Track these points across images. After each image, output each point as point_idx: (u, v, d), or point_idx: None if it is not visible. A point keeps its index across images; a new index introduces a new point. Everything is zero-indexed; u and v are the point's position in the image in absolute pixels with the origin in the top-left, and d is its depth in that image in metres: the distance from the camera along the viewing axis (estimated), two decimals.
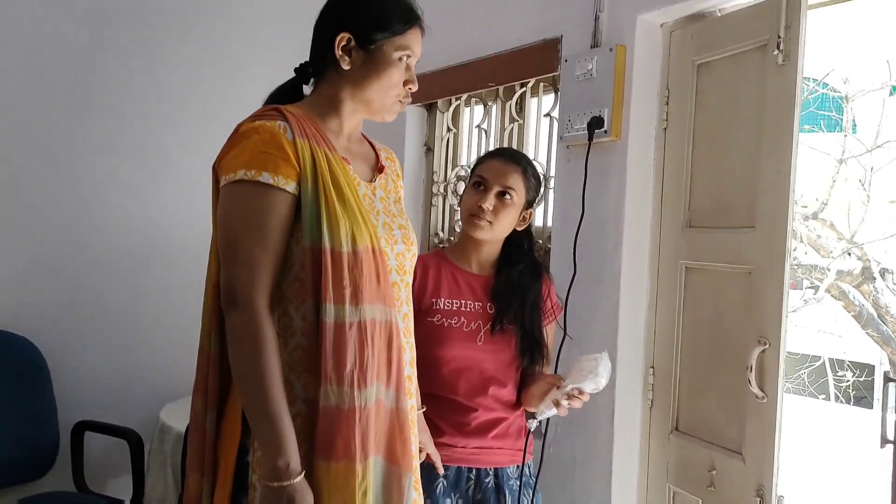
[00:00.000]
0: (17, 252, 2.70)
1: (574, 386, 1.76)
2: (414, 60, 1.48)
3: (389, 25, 1.43)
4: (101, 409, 2.74)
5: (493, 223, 1.87)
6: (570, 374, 1.79)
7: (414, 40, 1.46)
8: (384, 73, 1.43)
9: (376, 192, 1.50)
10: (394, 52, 1.43)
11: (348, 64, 1.42)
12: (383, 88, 1.44)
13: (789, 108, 1.89)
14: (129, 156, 2.89)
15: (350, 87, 1.44)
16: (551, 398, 1.81)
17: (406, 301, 1.51)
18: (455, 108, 3.15)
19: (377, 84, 1.43)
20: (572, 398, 1.78)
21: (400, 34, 1.43)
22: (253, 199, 1.32)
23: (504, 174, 1.88)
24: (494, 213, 1.87)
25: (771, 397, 1.92)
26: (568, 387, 1.77)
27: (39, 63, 2.70)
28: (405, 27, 1.44)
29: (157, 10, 2.92)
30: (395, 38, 1.43)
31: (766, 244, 1.95)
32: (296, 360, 1.35)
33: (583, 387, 1.76)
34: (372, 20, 1.43)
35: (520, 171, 1.91)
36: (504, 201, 1.87)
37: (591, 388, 1.77)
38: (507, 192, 1.87)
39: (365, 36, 1.42)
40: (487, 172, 1.90)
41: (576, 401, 1.78)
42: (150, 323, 2.94)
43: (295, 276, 1.36)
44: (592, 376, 1.75)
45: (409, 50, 1.45)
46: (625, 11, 2.26)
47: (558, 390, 1.79)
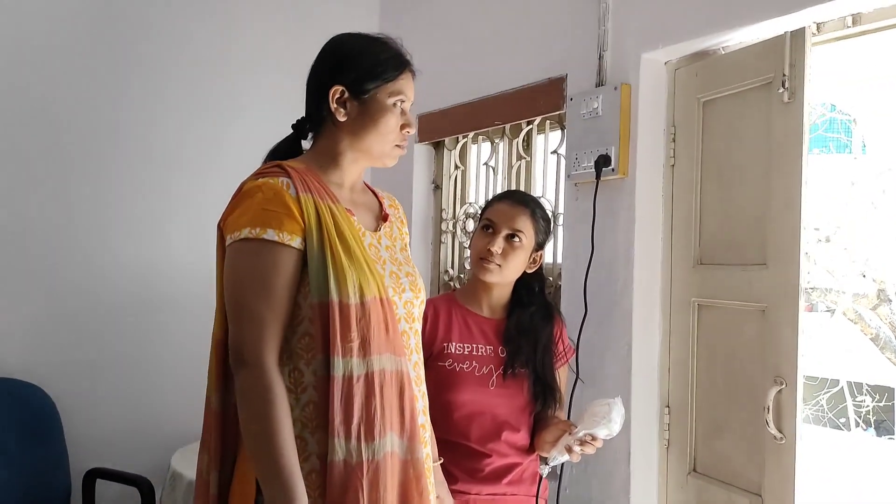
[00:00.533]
0: (29, 301, 2.71)
1: (587, 432, 1.75)
2: (408, 104, 1.48)
3: (381, 74, 1.44)
4: (112, 456, 2.73)
5: (502, 266, 1.87)
6: (583, 420, 1.77)
7: (406, 85, 1.47)
8: (380, 121, 1.44)
9: (382, 241, 1.50)
10: (387, 99, 1.44)
11: (344, 116, 1.44)
12: (381, 135, 1.45)
13: (797, 145, 1.88)
14: (137, 205, 2.90)
15: (348, 137, 1.45)
16: (564, 444, 1.79)
17: (416, 349, 1.51)
18: (462, 146, 3.16)
19: (374, 132, 1.44)
20: (585, 444, 1.76)
21: (392, 80, 1.44)
22: (258, 256, 1.33)
23: (512, 217, 1.89)
24: (503, 255, 1.87)
25: (789, 438, 1.89)
26: (580, 433, 1.75)
27: (49, 113, 2.73)
28: (396, 73, 1.45)
29: (168, 60, 2.95)
30: (388, 85, 1.44)
31: (778, 281, 1.93)
32: (308, 416, 1.35)
33: (595, 433, 1.74)
34: (363, 70, 1.44)
35: (528, 214, 1.91)
36: (513, 244, 1.88)
37: (605, 434, 1.75)
38: (515, 234, 1.88)
39: (358, 86, 1.43)
40: (496, 215, 1.91)
41: (588, 447, 1.76)
42: (161, 370, 2.93)
43: (304, 330, 1.36)
44: (605, 422, 1.73)
45: (403, 94, 1.46)
46: (629, 50, 2.27)
47: (570, 436, 1.77)
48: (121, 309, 2.87)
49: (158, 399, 2.92)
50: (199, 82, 3.03)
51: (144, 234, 2.92)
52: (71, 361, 2.77)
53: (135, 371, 2.88)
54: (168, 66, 2.97)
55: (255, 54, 3.16)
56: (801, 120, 1.87)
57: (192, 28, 3.02)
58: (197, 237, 2.94)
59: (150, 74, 2.93)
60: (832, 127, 7.51)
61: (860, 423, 8.11)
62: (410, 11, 3.31)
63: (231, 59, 3.11)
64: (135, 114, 2.90)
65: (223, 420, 1.39)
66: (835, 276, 7.50)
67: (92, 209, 2.82)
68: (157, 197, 2.95)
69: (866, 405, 8.00)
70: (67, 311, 2.78)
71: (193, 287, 2.89)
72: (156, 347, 2.93)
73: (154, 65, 2.94)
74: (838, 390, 7.99)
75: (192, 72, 3.02)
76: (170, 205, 2.97)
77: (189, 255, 2.96)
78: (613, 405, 1.74)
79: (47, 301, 2.74)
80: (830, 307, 7.73)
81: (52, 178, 2.74)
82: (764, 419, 1.92)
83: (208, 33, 3.06)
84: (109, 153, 2.85)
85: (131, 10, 2.89)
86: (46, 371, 2.69)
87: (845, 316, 7.57)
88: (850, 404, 7.96)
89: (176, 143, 2.99)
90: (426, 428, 1.52)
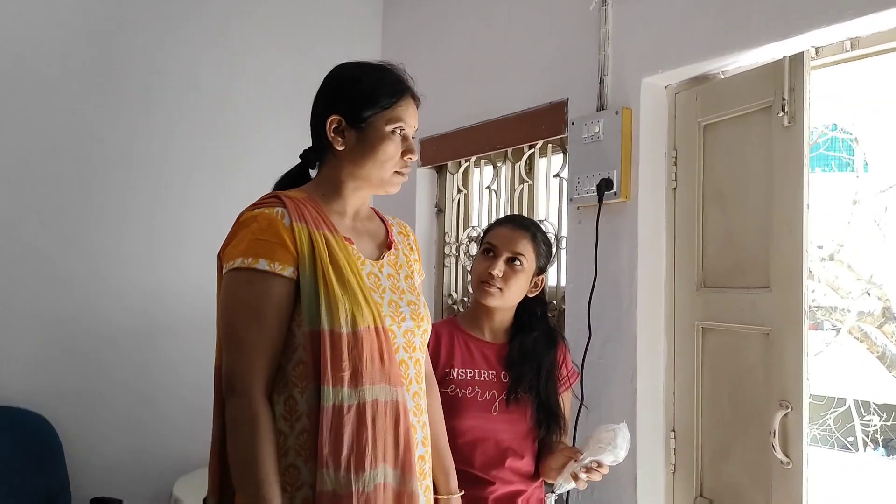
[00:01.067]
0: (31, 329, 2.71)
1: (592, 458, 1.73)
2: (410, 130, 1.48)
3: (377, 101, 1.44)
4: (114, 484, 2.72)
5: (503, 290, 1.87)
6: (588, 446, 1.76)
7: (405, 112, 1.46)
8: (378, 149, 1.44)
9: (383, 270, 1.50)
10: (385, 127, 1.44)
11: (342, 144, 1.45)
12: (380, 163, 1.45)
13: (798, 168, 1.88)
14: (138, 233, 2.90)
15: (348, 166, 1.46)
16: (569, 471, 1.77)
17: (416, 379, 1.49)
18: (465, 170, 3.17)
19: (372, 160, 1.44)
20: (591, 471, 1.74)
21: (389, 108, 1.44)
22: (250, 286, 1.35)
23: (513, 240, 1.89)
24: (504, 279, 1.86)
25: (796, 462, 1.87)
26: (586, 459, 1.74)
27: (50, 142, 2.74)
28: (392, 100, 1.45)
29: (167, 82, 2.97)
30: (385, 113, 1.44)
31: (782, 304, 1.92)
32: (302, 445, 1.35)
33: (601, 459, 1.73)
34: (359, 99, 1.44)
35: (529, 237, 1.91)
36: (514, 267, 1.87)
37: (610, 461, 1.73)
38: (516, 258, 1.88)
39: (354, 115, 1.44)
40: (496, 239, 1.91)
41: (594, 473, 1.75)
42: (163, 398, 2.92)
43: (299, 359, 1.37)
44: (611, 448, 1.71)
45: (402, 122, 1.45)
46: (629, 75, 2.28)
47: (576, 463, 1.76)
48: (123, 337, 2.86)
49: (161, 427, 2.90)
50: (204, 111, 3.05)
51: (146, 262, 2.92)
52: (73, 389, 2.76)
53: (137, 399, 2.87)
54: (173, 96, 2.98)
55: (259, 84, 3.18)
56: (802, 143, 1.87)
57: (199, 57, 3.04)
58: (198, 266, 2.94)
59: (152, 103, 2.94)
60: (834, 145, 7.53)
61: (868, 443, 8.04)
62: (413, 37, 3.34)
63: (235, 89, 3.13)
64: (137, 143, 2.91)
65: (223, 446, 1.39)
66: (839, 294, 7.47)
67: (94, 237, 2.82)
68: (158, 225, 2.95)
69: (874, 424, 7.94)
70: (69, 339, 2.77)
71: (195, 315, 2.89)
72: (158, 375, 2.92)
73: (158, 93, 2.95)
74: (845, 410, 7.93)
75: (196, 101, 3.03)
76: (171, 233, 2.98)
77: (190, 283, 2.96)
78: (619, 431, 1.72)
79: (49, 329, 2.74)
80: (836, 325, 7.69)
81: (53, 205, 2.75)
82: (770, 443, 1.90)
83: (214, 62, 3.08)
84: (111, 182, 2.86)
85: (138, 38, 2.91)
86: (48, 399, 2.68)
87: (851, 334, 7.52)
88: (858, 424, 7.90)
89: (178, 172, 2.99)
90: (426, 460, 1.50)
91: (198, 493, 2.36)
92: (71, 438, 2.69)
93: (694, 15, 2.10)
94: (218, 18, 3.09)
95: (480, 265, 1.90)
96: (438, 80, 3.05)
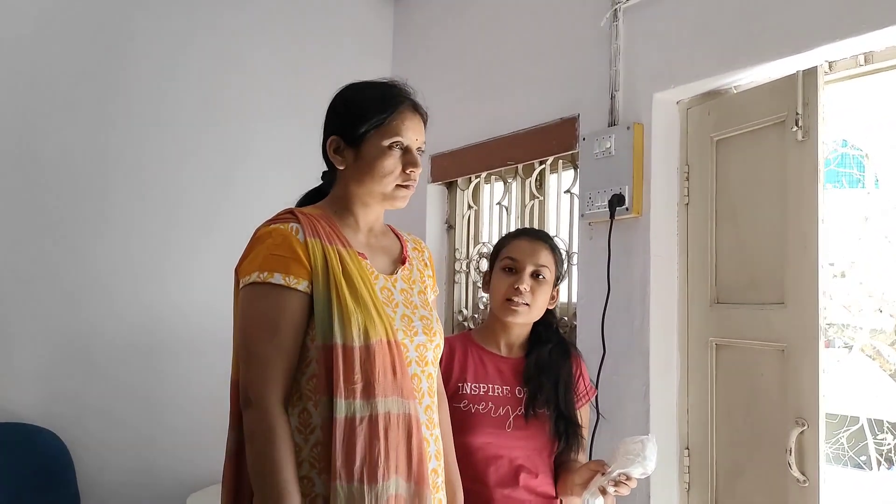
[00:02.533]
0: (42, 346, 2.71)
1: (621, 471, 1.68)
2: (411, 143, 1.47)
3: (369, 118, 1.45)
4: (125, 501, 2.71)
5: (530, 305, 1.83)
6: (616, 459, 1.70)
7: (401, 125, 1.46)
8: (375, 164, 1.45)
9: (397, 284, 1.50)
10: (381, 142, 1.45)
11: (342, 164, 1.48)
12: (379, 178, 1.45)
13: (812, 183, 1.87)
14: (150, 249, 2.91)
15: (353, 184, 1.48)
16: (596, 485, 1.72)
17: (428, 392, 1.49)
18: (475, 186, 3.17)
19: (371, 176, 1.45)
20: (619, 484, 1.69)
21: (383, 123, 1.45)
22: (266, 300, 1.36)
23: (534, 253, 1.85)
24: (532, 293, 1.83)
25: (812, 480, 1.85)
26: (614, 472, 1.69)
27: (62, 158, 2.76)
28: (386, 116, 1.45)
29: (177, 95, 2.99)
30: (380, 129, 1.45)
31: (797, 321, 1.91)
32: (316, 457, 1.36)
33: (630, 472, 1.67)
34: (352, 117, 1.47)
35: (548, 248, 1.88)
36: (539, 281, 1.84)
37: (639, 473, 1.67)
38: (540, 270, 1.84)
39: (350, 134, 1.46)
40: (517, 253, 1.85)
41: (623, 487, 1.69)
42: (175, 415, 2.91)
43: (312, 372, 1.38)
44: (641, 460, 1.66)
45: (398, 135, 1.45)
46: (641, 90, 2.28)
47: (604, 477, 1.71)
48: (135, 354, 2.86)
49: (172, 444, 2.90)
50: (212, 129, 3.06)
51: (157, 278, 2.93)
52: (84, 406, 2.76)
53: (149, 416, 2.87)
54: (186, 113, 3.00)
55: (272, 103, 3.19)
56: (816, 158, 1.87)
57: (211, 76, 3.06)
58: (208, 282, 2.96)
59: (165, 120, 2.96)
60: (844, 162, 7.50)
61: (882, 462, 7.94)
62: (423, 52, 3.36)
63: (247, 108, 3.14)
64: (149, 159, 2.93)
65: (238, 460, 1.41)
66: (851, 311, 7.41)
67: (106, 253, 2.83)
68: (169, 242, 2.96)
69: (888, 443, 7.84)
70: (80, 355, 2.77)
71: (205, 332, 2.89)
72: (170, 392, 2.92)
73: (171, 110, 2.97)
74: (858, 428, 7.84)
75: (209, 119, 3.05)
76: (182, 250, 2.98)
77: (200, 300, 2.97)
78: (647, 442, 1.67)
79: (61, 345, 2.74)
80: (848, 343, 7.63)
81: (65, 222, 2.76)
82: (786, 461, 1.88)
83: (227, 81, 3.10)
84: (122, 196, 2.87)
85: (153, 53, 2.93)
86: (59, 416, 2.68)
87: (863, 352, 7.46)
88: (871, 442, 7.80)
89: (191, 186, 3.01)
90: (438, 473, 1.50)
91: None
92: (82, 455, 2.69)
93: (706, 30, 2.10)
94: (233, 37, 3.11)
95: (504, 283, 1.84)
96: (449, 95, 3.06)
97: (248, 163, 3.14)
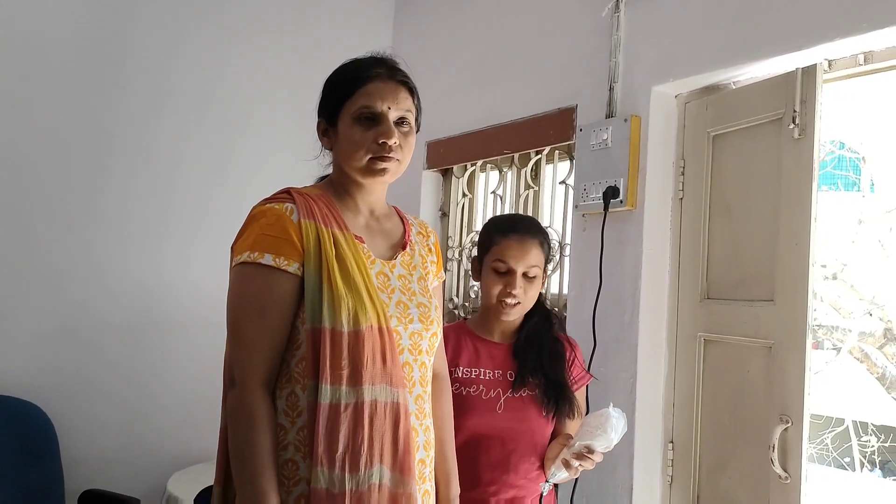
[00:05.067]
0: (31, 319, 2.70)
1: (583, 443, 1.68)
2: (382, 110, 1.41)
3: (341, 94, 1.44)
4: (108, 477, 2.70)
5: (523, 303, 1.83)
6: (579, 433, 1.72)
7: (371, 96, 1.41)
8: (345, 136, 1.42)
9: (395, 270, 1.48)
10: (350, 115, 1.42)
11: (329, 145, 1.48)
12: (351, 153, 1.42)
13: (807, 181, 1.87)
14: (143, 225, 2.90)
15: (338, 164, 1.48)
16: (561, 458, 1.73)
17: (420, 382, 1.46)
18: (471, 174, 3.16)
19: (344, 151, 1.43)
20: (583, 458, 1.69)
21: (351, 96, 1.42)
22: (255, 280, 1.35)
23: (525, 254, 1.81)
24: (524, 293, 1.82)
25: (794, 477, 1.86)
26: (576, 444, 1.70)
27: (56, 129, 2.74)
28: (355, 88, 1.42)
29: (175, 77, 2.97)
30: (349, 101, 1.42)
31: (786, 318, 1.91)
32: (301, 441, 1.35)
33: (592, 445, 1.67)
34: (329, 97, 1.47)
35: (538, 244, 1.86)
36: (531, 281, 1.83)
37: (602, 447, 1.67)
38: (530, 271, 1.82)
39: (330, 115, 1.46)
40: (508, 257, 1.81)
41: (587, 461, 1.69)
42: (161, 393, 2.91)
43: (301, 355, 1.36)
44: (601, 433, 1.65)
45: (364, 105, 1.41)
46: (639, 83, 2.27)
47: (567, 450, 1.72)
48: (124, 330, 2.85)
49: (157, 422, 2.89)
50: (214, 110, 3.05)
51: (149, 255, 2.92)
52: (72, 381, 2.75)
53: (135, 393, 2.86)
54: (183, 93, 2.98)
55: (269, 86, 3.17)
56: (812, 156, 1.86)
57: (210, 56, 3.04)
58: (198, 262, 2.95)
59: (162, 99, 2.94)
60: (841, 164, 7.51)
61: (865, 464, 8.00)
62: (424, 39, 3.34)
63: (245, 90, 3.13)
64: (146, 135, 2.91)
65: (226, 437, 1.39)
66: (841, 313, 7.44)
67: (97, 228, 2.82)
68: (164, 218, 2.95)
69: (872, 445, 7.90)
70: (69, 330, 2.76)
71: (197, 310, 2.88)
72: (157, 370, 2.91)
73: (168, 90, 2.95)
74: (843, 429, 7.89)
75: (206, 99, 3.03)
76: (176, 227, 2.97)
77: (194, 277, 2.96)
78: (609, 415, 1.66)
79: (49, 319, 2.73)
80: (836, 345, 7.66)
81: (58, 195, 2.74)
82: (769, 458, 1.89)
83: (225, 62, 3.08)
84: (118, 173, 2.86)
85: (151, 35, 2.91)
86: (46, 390, 2.67)
87: (851, 354, 7.50)
88: (856, 444, 7.86)
89: (187, 167, 3.00)
90: (426, 464, 1.48)
91: (192, 489, 2.35)
92: (66, 430, 2.68)
93: (707, 24, 2.09)
94: (231, 19, 3.09)
95: (496, 285, 1.82)
96: (447, 83, 3.05)
97: (246, 144, 3.12)
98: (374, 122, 1.41)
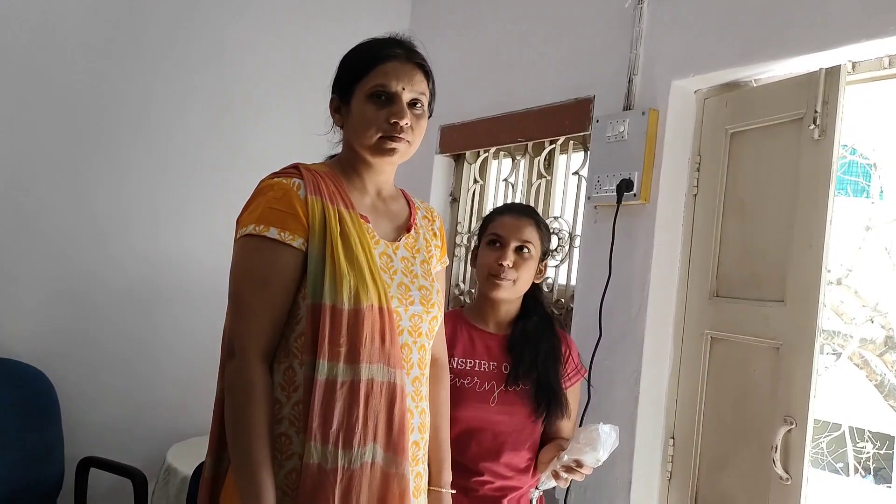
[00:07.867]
0: (39, 284, 2.70)
1: (572, 458, 1.69)
2: (397, 90, 1.41)
3: (356, 72, 1.44)
4: (108, 445, 2.71)
5: (515, 280, 1.84)
6: (570, 446, 1.72)
7: (383, 75, 1.41)
8: (357, 113, 1.43)
9: (398, 252, 1.48)
10: (364, 93, 1.43)
11: (340, 122, 1.48)
12: (362, 130, 1.42)
13: (824, 183, 1.86)
14: (152, 196, 2.89)
15: (349, 141, 1.48)
16: (551, 468, 1.75)
17: (418, 364, 1.47)
18: (483, 161, 3.15)
19: (356, 129, 1.43)
20: (571, 470, 1.71)
21: (366, 75, 1.43)
22: (258, 253, 1.36)
23: (519, 228, 1.86)
24: (515, 268, 1.83)
25: (795, 479, 1.86)
26: (564, 457, 1.71)
27: (70, 100, 2.72)
28: (369, 67, 1.43)
29: (180, 49, 2.94)
30: (363, 80, 1.43)
31: (795, 319, 1.90)
32: (296, 415, 1.35)
33: (582, 459, 1.69)
34: (344, 74, 1.47)
35: (533, 224, 1.88)
36: (523, 256, 1.85)
37: (591, 462, 1.69)
38: (524, 246, 1.85)
39: (344, 92, 1.46)
40: (502, 229, 1.86)
41: (575, 473, 1.71)
42: (165, 364, 2.91)
43: (301, 330, 1.37)
44: (590, 449, 1.67)
45: (379, 84, 1.41)
46: (659, 76, 2.25)
47: (558, 461, 1.73)
48: (130, 299, 2.85)
49: (159, 392, 2.90)
50: (224, 82, 3.03)
51: (158, 225, 2.91)
52: (76, 347, 2.75)
53: (139, 362, 2.86)
54: (193, 66, 2.96)
55: (281, 65, 3.14)
56: (831, 158, 1.85)
57: (223, 31, 3.01)
58: (210, 232, 2.94)
59: (170, 71, 2.92)
60: (851, 169, 7.48)
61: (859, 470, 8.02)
62: (442, 23, 3.31)
63: (256, 68, 3.10)
64: (157, 106, 2.89)
65: (223, 408, 1.39)
66: (843, 319, 7.44)
67: (108, 197, 2.81)
68: (173, 189, 2.94)
69: (867, 452, 7.92)
70: (77, 297, 2.76)
71: (204, 281, 2.88)
72: (162, 340, 2.91)
73: (180, 61, 2.93)
74: (839, 435, 7.91)
75: (216, 74, 3.01)
76: (185, 198, 2.96)
77: (202, 249, 2.95)
78: (601, 432, 1.67)
79: (57, 285, 2.73)
80: (837, 350, 7.66)
81: (70, 163, 2.73)
82: (771, 458, 1.89)
83: (238, 38, 3.05)
84: (130, 143, 2.84)
85: (164, 5, 2.89)
86: (49, 356, 2.67)
87: (851, 360, 7.50)
88: (851, 450, 7.88)
89: (197, 138, 2.98)
90: (420, 446, 1.48)
91: (191, 461, 2.35)
92: (68, 397, 2.68)
93: (731, 20, 2.07)
94: None
95: (488, 257, 1.85)
96: (464, 68, 3.03)
97: (254, 116, 3.10)
98: (387, 101, 1.41)
